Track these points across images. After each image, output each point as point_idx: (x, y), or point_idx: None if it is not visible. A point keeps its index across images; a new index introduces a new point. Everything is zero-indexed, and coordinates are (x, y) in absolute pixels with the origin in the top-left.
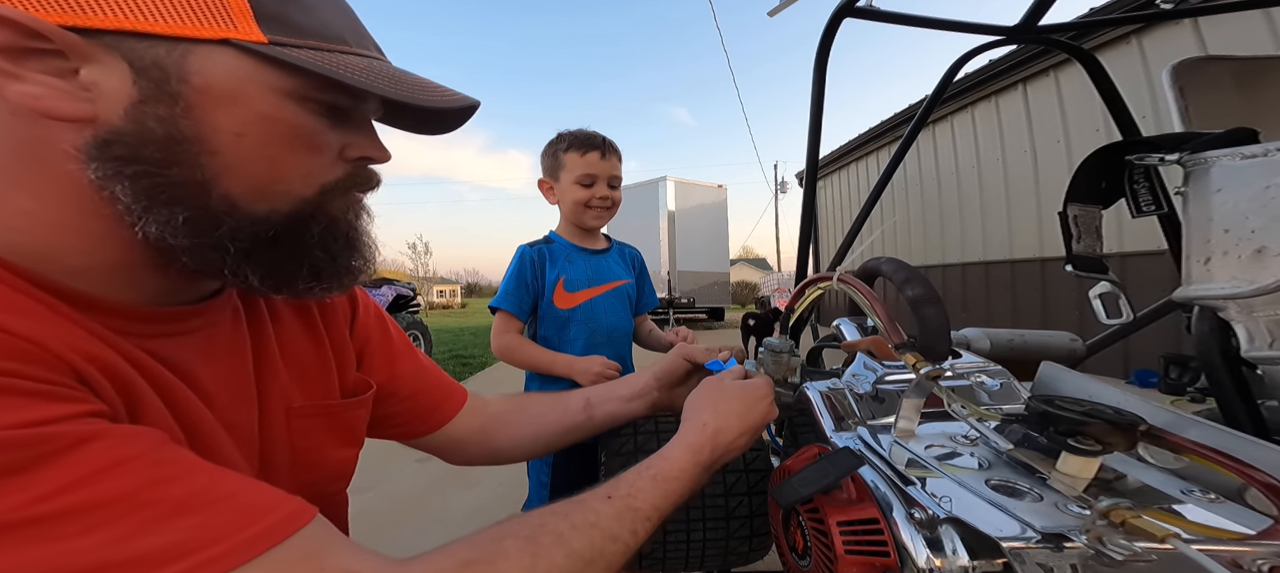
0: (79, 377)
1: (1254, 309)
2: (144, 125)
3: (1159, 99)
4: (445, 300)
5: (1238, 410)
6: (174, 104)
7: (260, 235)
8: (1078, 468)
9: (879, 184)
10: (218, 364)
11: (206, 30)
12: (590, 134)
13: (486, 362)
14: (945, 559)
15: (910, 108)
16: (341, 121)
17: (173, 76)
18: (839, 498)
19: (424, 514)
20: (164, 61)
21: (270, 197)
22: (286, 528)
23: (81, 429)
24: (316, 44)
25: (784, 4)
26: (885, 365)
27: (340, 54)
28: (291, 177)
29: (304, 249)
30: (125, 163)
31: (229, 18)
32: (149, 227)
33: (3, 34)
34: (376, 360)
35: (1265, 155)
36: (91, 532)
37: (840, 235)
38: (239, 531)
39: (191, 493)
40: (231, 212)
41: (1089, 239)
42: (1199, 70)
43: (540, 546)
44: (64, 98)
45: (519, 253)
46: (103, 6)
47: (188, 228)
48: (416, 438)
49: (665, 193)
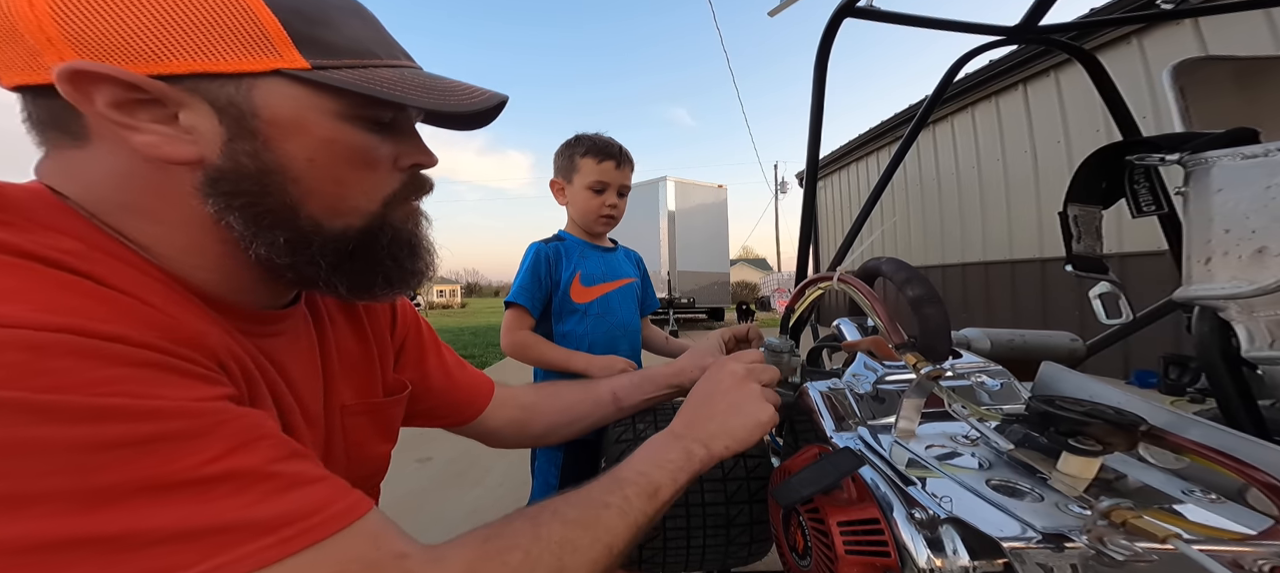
0: (219, 363)
1: (1254, 309)
2: (238, 161)
3: (1159, 99)
4: (445, 300)
5: (1238, 411)
6: (254, 139)
7: (342, 250)
8: (1078, 468)
9: (879, 184)
10: (299, 362)
11: (258, 62)
12: (608, 142)
13: (488, 361)
14: (946, 559)
15: (910, 108)
16: (390, 133)
17: (247, 113)
18: (839, 498)
19: (423, 515)
20: (236, 99)
21: (343, 213)
22: (360, 509)
23: (227, 409)
24: (352, 62)
25: (784, 4)
26: (885, 365)
27: (374, 68)
28: (357, 193)
29: (377, 259)
30: (232, 196)
31: (272, 47)
32: (259, 249)
33: (109, 91)
34: (410, 358)
35: (1266, 155)
36: (232, 496)
37: (840, 235)
38: (329, 505)
39: (298, 473)
40: (318, 231)
41: (1089, 239)
42: (1199, 70)
43: (540, 518)
44: (174, 143)
45: (533, 249)
46: (174, 52)
47: (288, 248)
48: (456, 427)
49: (665, 193)
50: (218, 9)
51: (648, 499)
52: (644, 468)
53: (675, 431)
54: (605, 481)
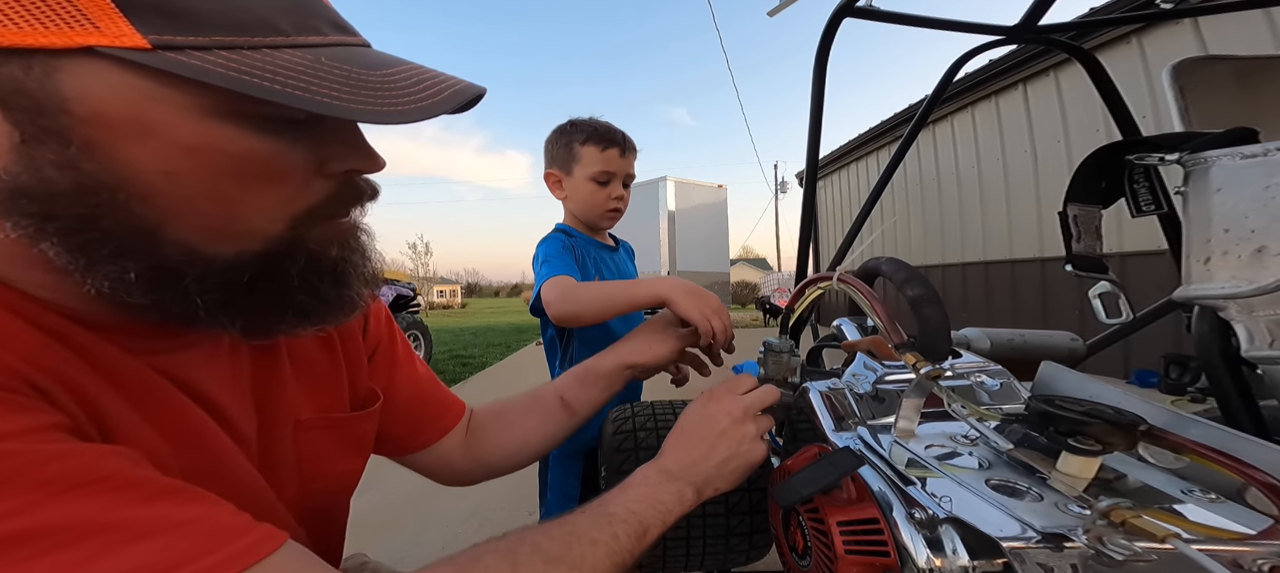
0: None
1: (1254, 309)
2: (42, 174)
3: (1159, 99)
4: (445, 300)
5: (1238, 410)
6: (65, 143)
7: (233, 281)
8: (1078, 468)
9: (879, 184)
10: (222, 376)
11: (54, 36)
12: (609, 127)
13: (487, 361)
14: (945, 559)
15: (910, 108)
16: (307, 132)
17: (47, 107)
18: (839, 498)
19: (421, 517)
20: (25, 85)
21: (232, 237)
22: (252, 555)
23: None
24: (226, 40)
25: (784, 4)
26: (885, 365)
27: (267, 49)
28: (251, 212)
29: (286, 291)
30: (43, 219)
31: (82, 16)
32: (99, 284)
33: None
34: (379, 367)
35: (1265, 155)
36: (45, 555)
37: (840, 235)
38: (199, 558)
39: (154, 518)
40: (191, 260)
41: (1089, 239)
42: (1199, 70)
43: (517, 553)
44: None
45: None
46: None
47: (144, 284)
48: (409, 454)
49: (665, 193)
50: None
51: (636, 540)
52: (636, 507)
53: (670, 469)
54: (593, 514)
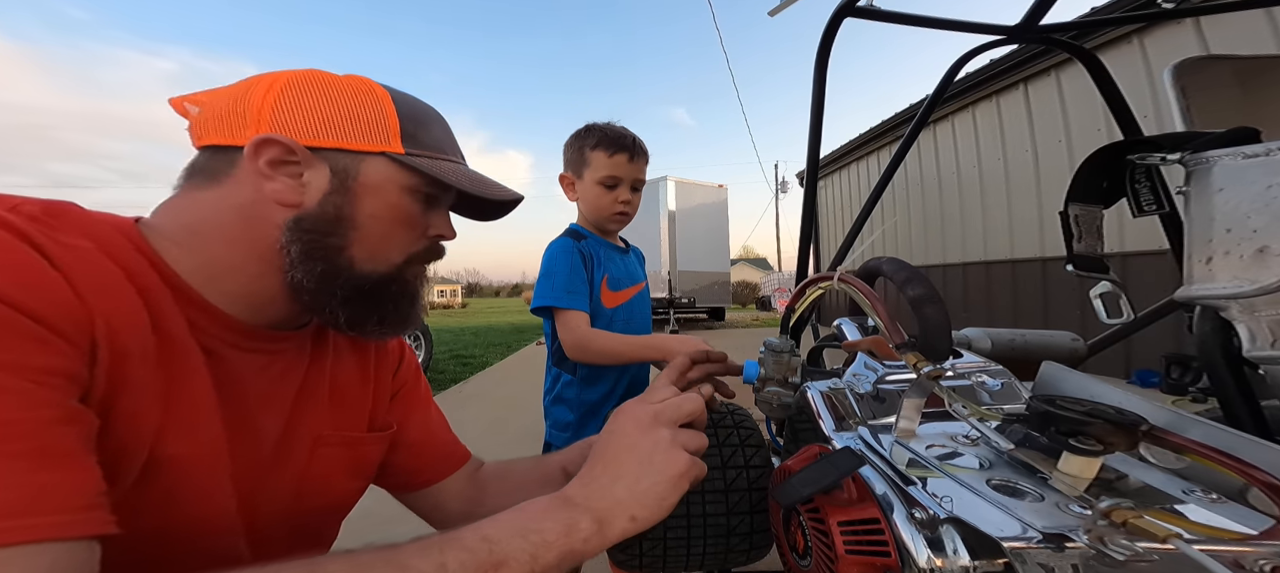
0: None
1: (1256, 309)
2: (326, 209)
3: (1160, 98)
4: (446, 300)
5: (1239, 410)
6: (346, 195)
7: (360, 287)
8: (1079, 468)
9: (880, 184)
10: (262, 383)
11: (376, 146)
12: (621, 132)
13: (487, 361)
14: (946, 559)
15: (911, 107)
16: (430, 208)
17: (351, 177)
18: (840, 498)
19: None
20: (350, 166)
21: (377, 261)
22: (36, 532)
23: None
24: (430, 154)
25: (784, 4)
26: (886, 365)
27: (443, 161)
28: (393, 248)
29: (382, 301)
30: (305, 232)
31: (388, 137)
32: (297, 274)
33: (274, 152)
34: (400, 406)
35: (1267, 155)
36: None
37: (841, 235)
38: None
39: None
40: (349, 270)
41: (1090, 239)
42: (1201, 70)
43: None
44: (291, 192)
45: (565, 246)
46: (328, 132)
47: (319, 278)
48: (409, 491)
49: (666, 193)
50: (365, 107)
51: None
52: (497, 534)
53: (569, 495)
54: (436, 540)
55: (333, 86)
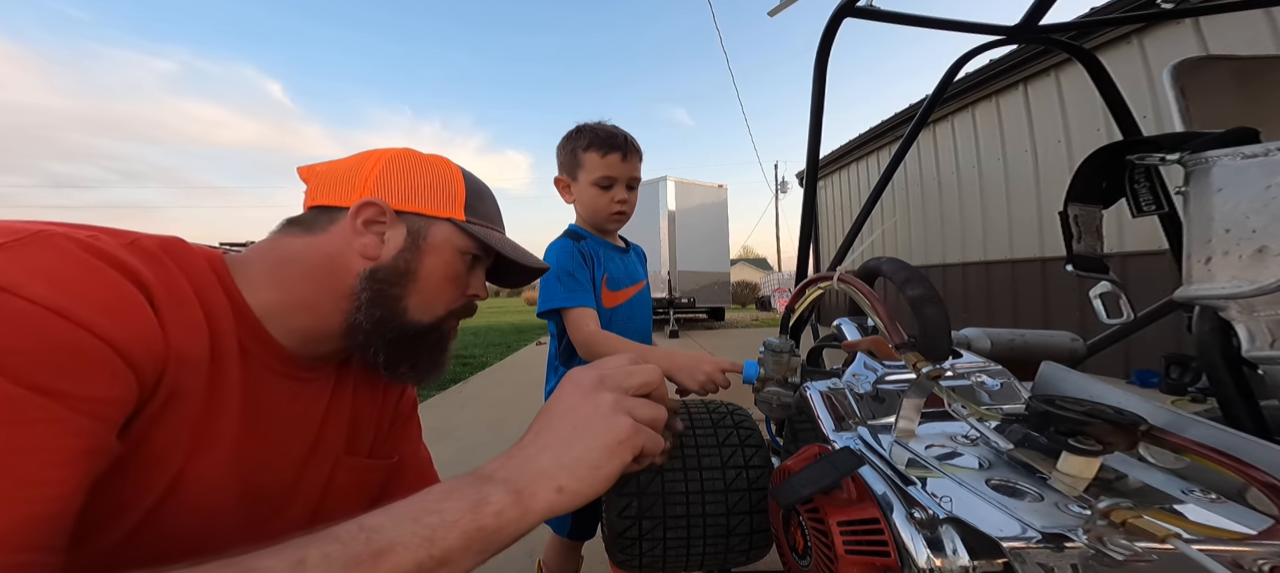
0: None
1: (1255, 309)
2: (398, 262)
3: (1160, 99)
4: None
5: (1239, 410)
6: (416, 252)
7: (406, 333)
8: (1078, 468)
9: (879, 184)
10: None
11: (447, 212)
12: (612, 132)
13: (487, 361)
14: (946, 559)
15: (910, 108)
16: (473, 269)
17: (422, 236)
18: (839, 498)
19: None
20: (423, 228)
21: (425, 312)
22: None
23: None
24: (483, 223)
25: (784, 3)
26: (885, 365)
27: (491, 229)
28: (440, 302)
29: (419, 348)
30: (376, 281)
31: (456, 206)
32: (360, 316)
33: (370, 213)
34: (397, 432)
35: (1266, 155)
36: None
37: (840, 235)
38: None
39: None
40: (402, 317)
41: (1090, 239)
42: (1200, 70)
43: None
44: (376, 247)
45: (565, 246)
46: (411, 197)
47: (376, 322)
48: None
49: (665, 193)
50: (442, 180)
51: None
52: (381, 522)
53: (483, 469)
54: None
55: (422, 162)
